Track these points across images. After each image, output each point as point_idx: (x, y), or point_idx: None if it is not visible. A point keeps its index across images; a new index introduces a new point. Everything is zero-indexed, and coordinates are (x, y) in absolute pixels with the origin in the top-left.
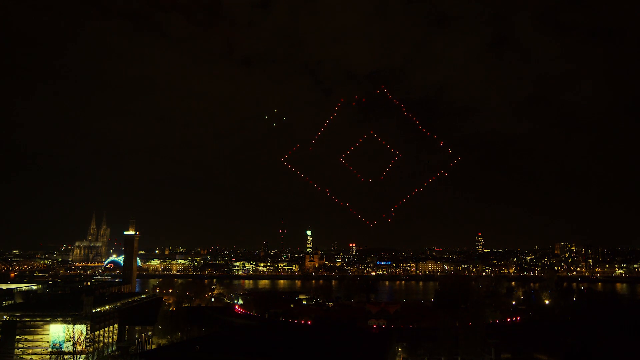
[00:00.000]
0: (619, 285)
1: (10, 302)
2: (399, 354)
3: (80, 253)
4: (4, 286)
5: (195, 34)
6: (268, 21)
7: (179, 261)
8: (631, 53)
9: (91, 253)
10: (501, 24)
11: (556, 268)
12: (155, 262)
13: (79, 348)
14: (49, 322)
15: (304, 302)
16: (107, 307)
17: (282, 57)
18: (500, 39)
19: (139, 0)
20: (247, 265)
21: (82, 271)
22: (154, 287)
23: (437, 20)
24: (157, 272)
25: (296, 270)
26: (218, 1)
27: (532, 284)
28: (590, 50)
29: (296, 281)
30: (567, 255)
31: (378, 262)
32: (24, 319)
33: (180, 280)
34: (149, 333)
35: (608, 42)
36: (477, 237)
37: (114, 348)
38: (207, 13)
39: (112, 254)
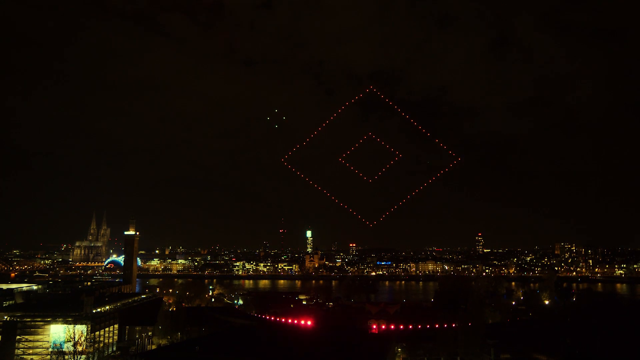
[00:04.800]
0: (619, 285)
1: (10, 302)
2: (398, 354)
3: (80, 253)
4: (4, 286)
5: (197, 34)
6: (270, 21)
7: (179, 261)
8: (632, 54)
9: (91, 253)
10: (503, 25)
11: (556, 268)
12: (155, 262)
13: (79, 348)
14: (49, 323)
15: (304, 302)
16: (107, 307)
17: (284, 57)
18: (502, 39)
19: (141, 1)
20: (247, 265)
21: (82, 271)
22: (154, 287)
23: (439, 21)
24: (157, 272)
25: (296, 270)
26: (220, 1)
27: (532, 284)
28: (591, 51)
29: (296, 281)
30: (567, 255)
31: (378, 262)
32: (25, 319)
33: (180, 280)
34: (149, 333)
35: (609, 43)
36: (477, 237)
37: (114, 348)
38: (209, 13)
39: (112, 254)
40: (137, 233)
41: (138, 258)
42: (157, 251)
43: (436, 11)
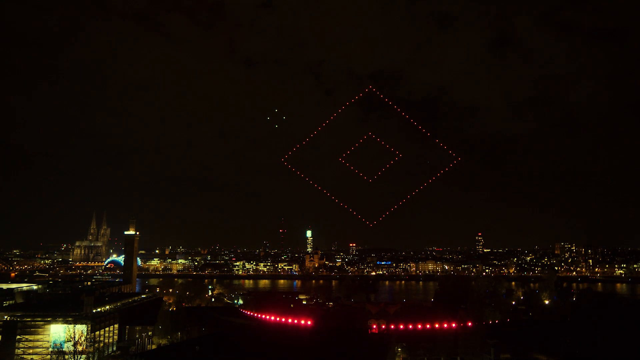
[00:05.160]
0: (619, 285)
1: (10, 302)
2: (398, 354)
3: (80, 253)
4: (4, 286)
5: (198, 34)
6: (270, 21)
7: (179, 261)
8: (633, 54)
9: (91, 253)
10: (503, 25)
11: (556, 268)
12: (155, 262)
13: (79, 348)
14: (49, 322)
15: (304, 302)
16: (107, 307)
17: (285, 57)
18: (502, 39)
19: (141, 1)
20: (247, 265)
21: (82, 271)
22: (154, 287)
23: (440, 21)
24: (157, 272)
25: (296, 270)
26: (221, 1)
27: (532, 284)
28: (591, 50)
29: (296, 281)
30: (567, 255)
31: (378, 262)
32: (25, 319)
33: (180, 280)
34: (149, 333)
35: (610, 43)
36: (477, 237)
37: (115, 348)
38: (210, 13)
39: (113, 253)
40: (137, 233)
41: (138, 258)
42: (157, 251)
43: (436, 11)
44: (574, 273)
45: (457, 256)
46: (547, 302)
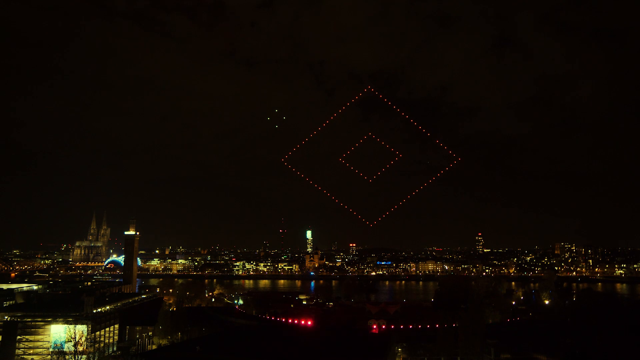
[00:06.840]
0: (619, 285)
1: (11, 302)
2: (398, 354)
3: (80, 253)
4: (4, 286)
5: (198, 34)
6: (271, 21)
7: (179, 261)
8: (632, 54)
9: (91, 253)
10: (503, 25)
11: (556, 268)
12: (155, 262)
13: (80, 348)
14: (50, 323)
15: (304, 302)
16: (107, 307)
17: (285, 57)
18: (502, 39)
19: (142, 0)
20: (247, 265)
21: (82, 271)
22: (154, 287)
23: (440, 21)
24: (157, 272)
25: (296, 270)
26: (221, 1)
27: (532, 284)
28: (591, 50)
29: (296, 281)
30: (567, 255)
31: (378, 262)
32: (25, 319)
33: (180, 280)
34: (150, 333)
35: (610, 43)
36: (477, 237)
37: (115, 348)
38: (210, 13)
39: (113, 254)
40: (137, 233)
41: (138, 258)
42: (157, 251)
43: (437, 11)
44: (574, 273)
45: (457, 256)
46: (547, 302)
